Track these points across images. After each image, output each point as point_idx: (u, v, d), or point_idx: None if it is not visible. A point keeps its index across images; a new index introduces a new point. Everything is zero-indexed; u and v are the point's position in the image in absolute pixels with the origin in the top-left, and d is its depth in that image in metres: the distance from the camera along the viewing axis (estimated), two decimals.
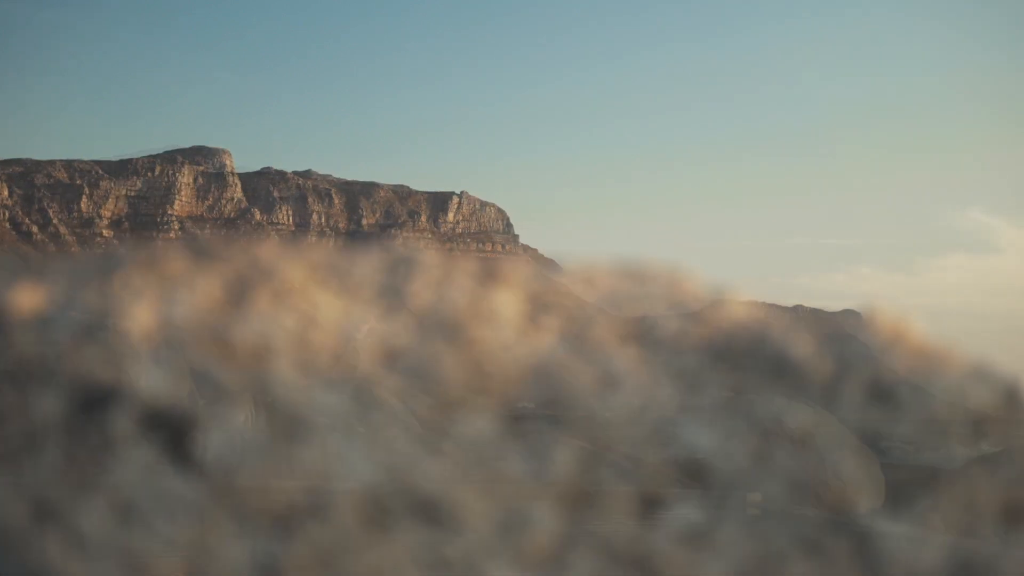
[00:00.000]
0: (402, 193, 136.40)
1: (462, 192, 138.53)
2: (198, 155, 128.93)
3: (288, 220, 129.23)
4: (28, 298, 1.93)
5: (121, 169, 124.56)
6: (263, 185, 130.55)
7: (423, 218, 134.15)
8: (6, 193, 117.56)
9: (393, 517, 1.74)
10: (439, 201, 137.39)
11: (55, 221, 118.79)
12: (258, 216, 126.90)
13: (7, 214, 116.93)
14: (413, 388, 2.14)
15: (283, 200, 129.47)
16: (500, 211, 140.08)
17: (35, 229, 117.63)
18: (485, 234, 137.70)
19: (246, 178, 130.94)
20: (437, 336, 2.02)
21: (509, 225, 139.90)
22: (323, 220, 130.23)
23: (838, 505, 2.16)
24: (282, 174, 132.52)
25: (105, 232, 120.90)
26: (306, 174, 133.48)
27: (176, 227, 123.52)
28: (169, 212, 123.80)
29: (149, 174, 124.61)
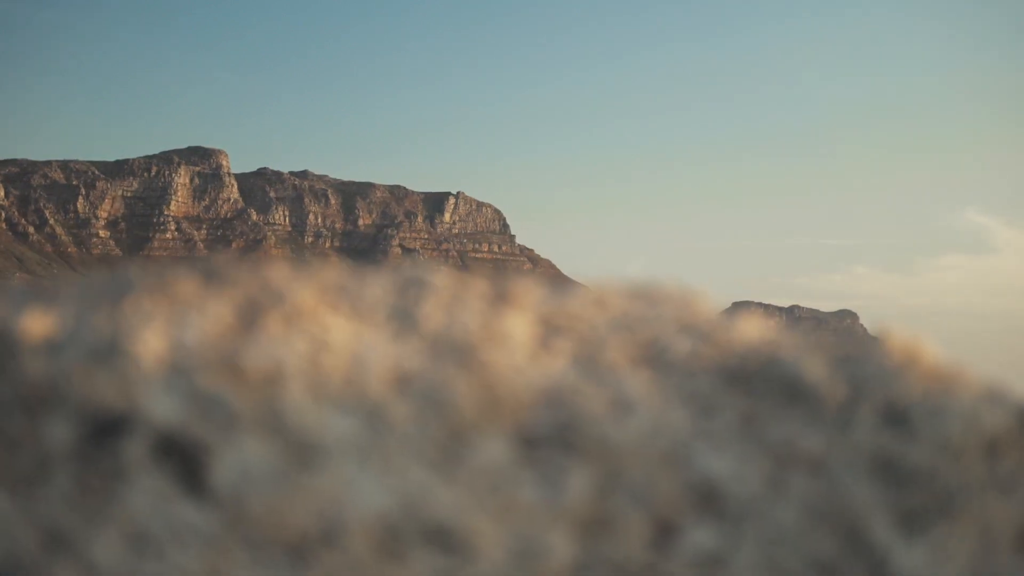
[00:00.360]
0: (399, 194, 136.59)
1: (458, 192, 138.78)
2: (194, 156, 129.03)
3: (284, 221, 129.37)
4: (37, 322, 1.88)
5: (117, 170, 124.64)
6: (259, 185, 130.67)
7: (419, 219, 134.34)
8: (2, 194, 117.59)
9: (407, 544, 1.69)
10: (435, 201, 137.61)
11: (51, 222, 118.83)
12: (254, 216, 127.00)
13: (3, 215, 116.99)
14: (425, 413, 2.08)
15: (279, 200, 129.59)
16: (496, 211, 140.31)
17: (31, 230, 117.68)
18: (481, 234, 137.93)
19: (242, 178, 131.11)
20: (449, 359, 1.97)
21: (506, 226, 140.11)
22: (319, 220, 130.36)
23: (853, 530, 2.10)
24: (278, 175, 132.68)
25: (101, 233, 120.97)
26: (302, 174, 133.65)
27: (172, 227, 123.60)
28: (165, 213, 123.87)
29: (145, 175, 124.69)
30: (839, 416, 1.01)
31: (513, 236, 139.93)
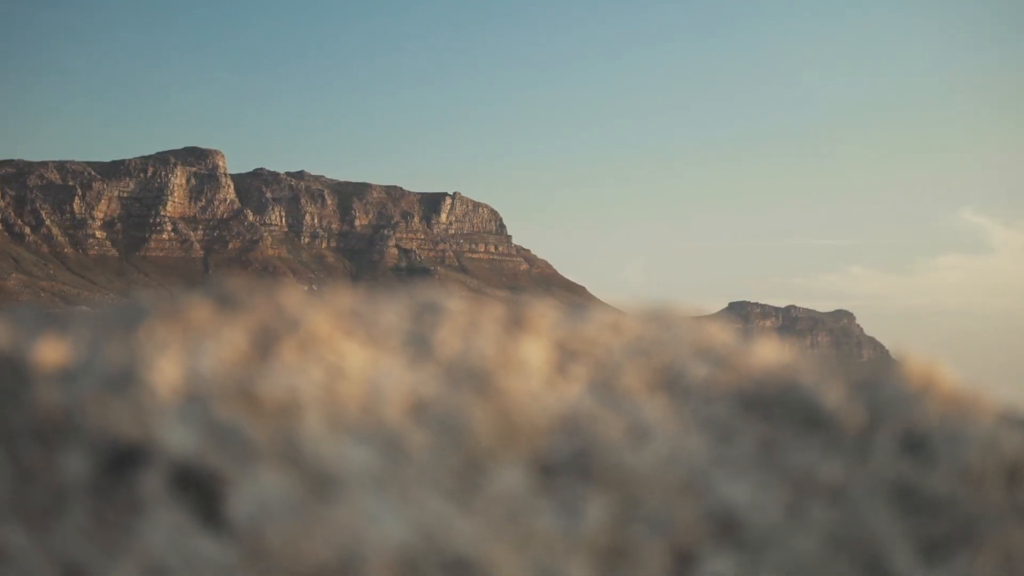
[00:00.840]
0: (395, 194, 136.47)
1: (455, 193, 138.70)
2: (191, 156, 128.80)
3: (281, 221, 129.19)
4: (52, 350, 1.83)
5: (114, 170, 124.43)
6: (256, 186, 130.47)
7: (416, 219, 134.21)
8: None
9: None
10: (432, 202, 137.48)
11: (48, 222, 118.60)
12: (251, 217, 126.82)
13: None
14: (442, 441, 2.02)
15: (276, 201, 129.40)
16: (493, 212, 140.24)
17: (27, 230, 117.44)
18: (478, 235, 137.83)
19: (239, 179, 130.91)
20: (465, 386, 1.92)
21: (502, 226, 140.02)
22: (316, 221, 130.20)
23: (874, 559, 2.05)
24: (275, 175, 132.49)
25: (98, 233, 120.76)
26: (299, 175, 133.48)
27: (169, 228, 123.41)
28: (162, 213, 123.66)
29: (142, 175, 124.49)
30: (858, 443, 1.00)
31: (510, 236, 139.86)
